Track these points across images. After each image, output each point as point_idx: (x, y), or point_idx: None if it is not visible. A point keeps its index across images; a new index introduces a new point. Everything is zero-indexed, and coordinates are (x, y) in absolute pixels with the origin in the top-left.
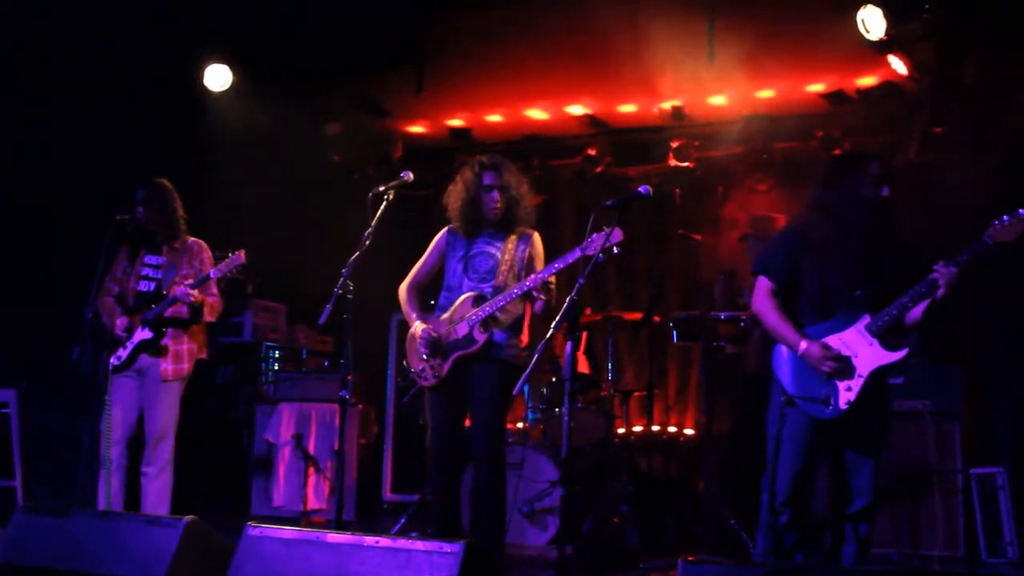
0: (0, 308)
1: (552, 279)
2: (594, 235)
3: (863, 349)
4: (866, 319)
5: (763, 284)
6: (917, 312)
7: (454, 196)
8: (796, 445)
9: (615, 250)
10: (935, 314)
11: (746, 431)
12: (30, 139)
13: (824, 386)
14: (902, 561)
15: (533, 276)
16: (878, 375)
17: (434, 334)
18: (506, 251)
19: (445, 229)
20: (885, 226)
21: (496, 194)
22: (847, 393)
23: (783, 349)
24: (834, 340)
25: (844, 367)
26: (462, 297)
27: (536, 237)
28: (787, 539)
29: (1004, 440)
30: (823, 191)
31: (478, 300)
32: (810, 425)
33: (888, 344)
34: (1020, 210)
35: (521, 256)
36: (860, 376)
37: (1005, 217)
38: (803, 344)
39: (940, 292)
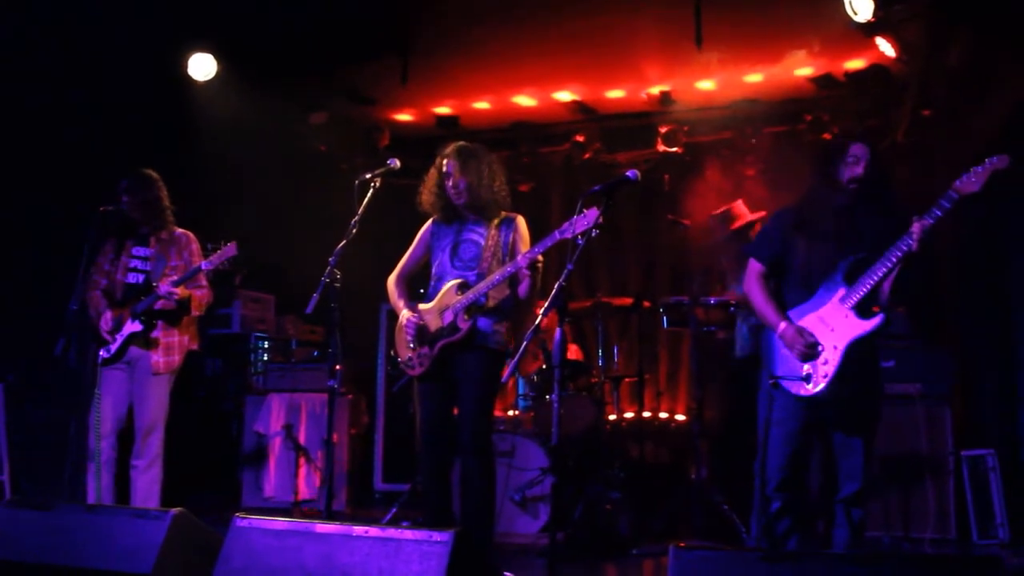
0: None
1: (540, 260)
2: (573, 218)
3: (839, 322)
4: (842, 291)
5: (753, 267)
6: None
7: (426, 189)
8: (786, 430)
9: (594, 232)
10: (910, 276)
11: (737, 417)
12: (11, 129)
13: (803, 364)
14: (893, 544)
15: (512, 263)
16: (862, 352)
17: (420, 323)
18: (489, 237)
19: (430, 220)
20: (872, 203)
21: (451, 181)
22: (824, 367)
23: (772, 332)
24: (812, 318)
25: (815, 352)
26: (447, 285)
27: (520, 220)
28: (780, 525)
29: (993, 422)
30: (812, 176)
31: (462, 287)
32: (798, 408)
33: (863, 313)
34: (990, 158)
35: (505, 241)
36: (836, 348)
37: (976, 167)
38: (781, 325)
39: (914, 245)
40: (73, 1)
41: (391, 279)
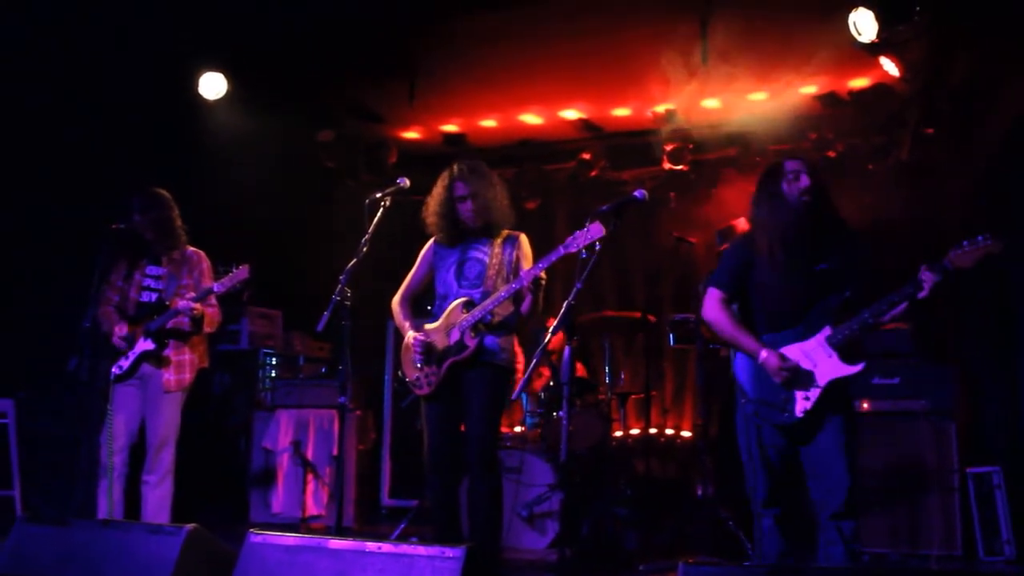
0: None
1: (543, 276)
2: (576, 233)
3: (822, 360)
4: (827, 331)
5: (714, 294)
6: (896, 310)
7: (431, 210)
8: (765, 451)
9: (597, 246)
10: (918, 314)
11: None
12: (25, 149)
13: (781, 392)
14: (900, 561)
15: (516, 280)
16: (837, 384)
17: (427, 341)
18: (493, 255)
19: (431, 239)
20: (822, 219)
21: (469, 203)
22: (804, 402)
23: (742, 355)
24: (795, 350)
25: (796, 378)
26: (453, 304)
27: (522, 238)
28: (772, 541)
29: (999, 439)
30: (752, 206)
31: (468, 305)
32: (774, 432)
33: (847, 357)
34: (979, 236)
35: (508, 259)
36: (818, 386)
37: (964, 243)
38: (763, 353)
39: (923, 294)
40: (74, 2)
41: (395, 300)
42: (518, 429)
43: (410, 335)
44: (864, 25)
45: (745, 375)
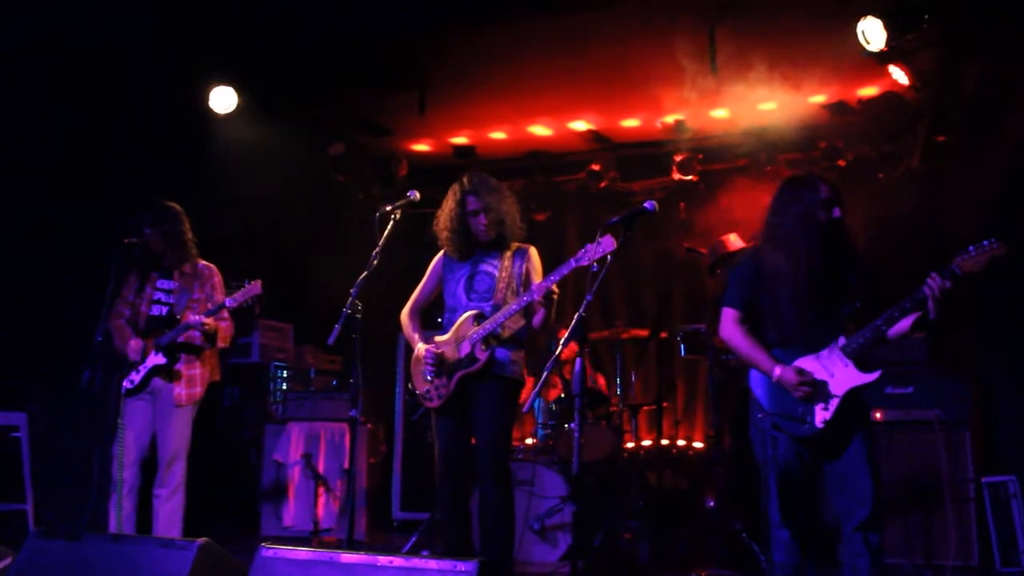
0: (9, 332)
1: (555, 289)
2: (587, 245)
3: (839, 370)
4: (841, 340)
5: (729, 313)
6: (905, 325)
7: (442, 224)
8: (784, 466)
9: (608, 258)
10: (930, 327)
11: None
12: (36, 163)
13: (800, 405)
14: (915, 572)
15: (528, 292)
16: (855, 393)
17: (437, 353)
18: (503, 268)
19: (441, 252)
20: (840, 247)
21: (483, 217)
22: (823, 412)
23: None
24: (810, 361)
25: (816, 391)
26: (463, 316)
27: (532, 251)
28: (787, 554)
29: (1014, 448)
30: (774, 217)
31: (479, 318)
32: (794, 445)
33: (862, 365)
34: (985, 241)
35: (518, 272)
36: (835, 396)
37: (971, 248)
38: (777, 370)
39: (931, 304)
40: (91, 30)
41: (404, 312)
42: (530, 441)
43: (420, 347)
44: (873, 34)
45: (761, 388)
